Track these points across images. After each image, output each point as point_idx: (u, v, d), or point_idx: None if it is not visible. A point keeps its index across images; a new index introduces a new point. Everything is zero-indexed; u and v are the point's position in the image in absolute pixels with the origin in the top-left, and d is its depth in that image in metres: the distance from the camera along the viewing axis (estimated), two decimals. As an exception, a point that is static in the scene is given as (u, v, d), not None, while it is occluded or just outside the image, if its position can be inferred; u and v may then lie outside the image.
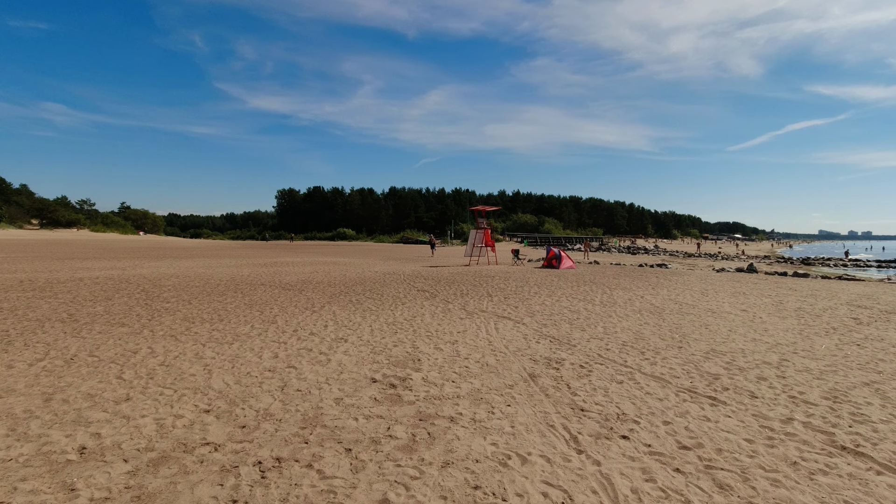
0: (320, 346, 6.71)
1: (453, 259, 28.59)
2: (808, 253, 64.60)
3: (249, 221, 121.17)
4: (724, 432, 3.97)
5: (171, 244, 51.94)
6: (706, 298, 12.14)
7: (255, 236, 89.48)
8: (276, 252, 36.13)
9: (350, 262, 25.04)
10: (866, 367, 5.94)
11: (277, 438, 3.74)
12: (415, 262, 25.07)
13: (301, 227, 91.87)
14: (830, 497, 3.01)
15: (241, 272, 17.85)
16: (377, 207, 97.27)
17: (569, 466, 3.36)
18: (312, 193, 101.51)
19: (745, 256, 45.56)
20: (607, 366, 5.89)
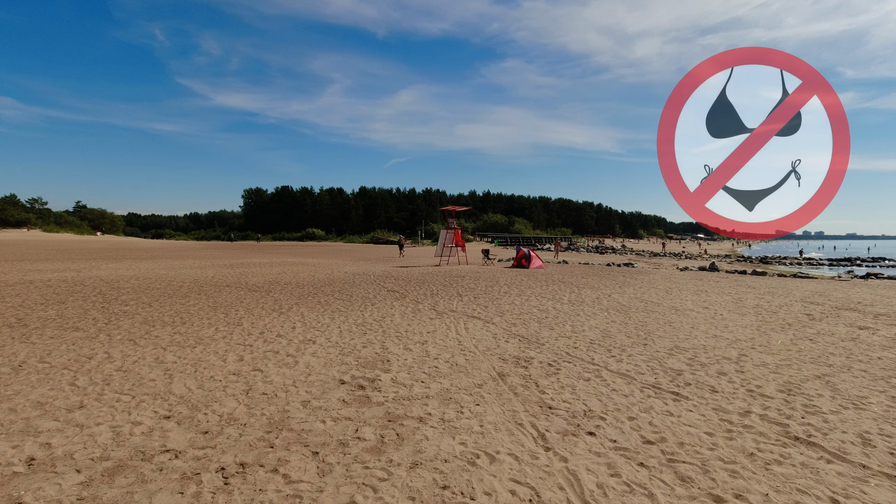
0: (287, 348, 6.59)
1: (424, 259, 28.55)
2: (766, 252, 67.30)
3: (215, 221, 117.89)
4: (686, 426, 4.09)
5: (131, 245, 50.07)
6: (670, 297, 12.49)
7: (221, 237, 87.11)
8: (242, 253, 35.30)
9: (319, 262, 24.68)
10: (818, 361, 6.22)
11: (242, 443, 3.65)
12: (385, 263, 24.92)
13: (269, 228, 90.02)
14: (784, 486, 3.14)
15: (205, 273, 17.35)
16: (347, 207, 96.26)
17: (536, 464, 3.40)
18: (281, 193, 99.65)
19: (707, 255, 47.15)
20: (575, 364, 5.99)
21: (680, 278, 18.19)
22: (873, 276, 21.31)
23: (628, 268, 24.11)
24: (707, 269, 24.04)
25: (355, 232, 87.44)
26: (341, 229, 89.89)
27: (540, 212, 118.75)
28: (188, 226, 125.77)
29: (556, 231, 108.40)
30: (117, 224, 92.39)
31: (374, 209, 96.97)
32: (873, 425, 4.13)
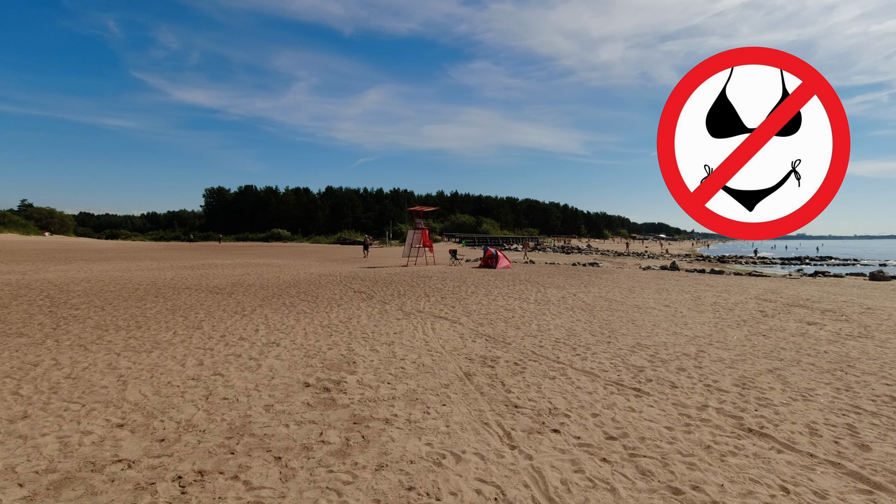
0: (250, 351, 6.42)
1: (391, 260, 28.39)
2: (724, 251, 69.96)
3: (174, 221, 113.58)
4: (647, 421, 4.20)
5: (83, 246, 47.77)
6: (633, 295, 12.82)
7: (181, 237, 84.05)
8: (203, 253, 34.22)
9: (284, 263, 24.19)
10: (770, 356, 6.50)
11: (200, 450, 3.53)
12: (352, 263, 24.65)
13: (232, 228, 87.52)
14: (738, 476, 3.26)
15: (163, 275, 16.74)
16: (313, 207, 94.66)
17: (502, 462, 3.42)
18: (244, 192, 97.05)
19: (668, 255, 48.69)
20: (541, 362, 6.06)
21: (642, 277, 18.70)
22: (820, 275, 22.48)
23: (593, 267, 24.62)
24: (668, 268, 24.80)
25: (322, 232, 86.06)
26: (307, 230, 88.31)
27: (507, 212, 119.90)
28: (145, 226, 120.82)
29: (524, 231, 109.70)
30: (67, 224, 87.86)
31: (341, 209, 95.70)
32: (819, 416, 4.34)
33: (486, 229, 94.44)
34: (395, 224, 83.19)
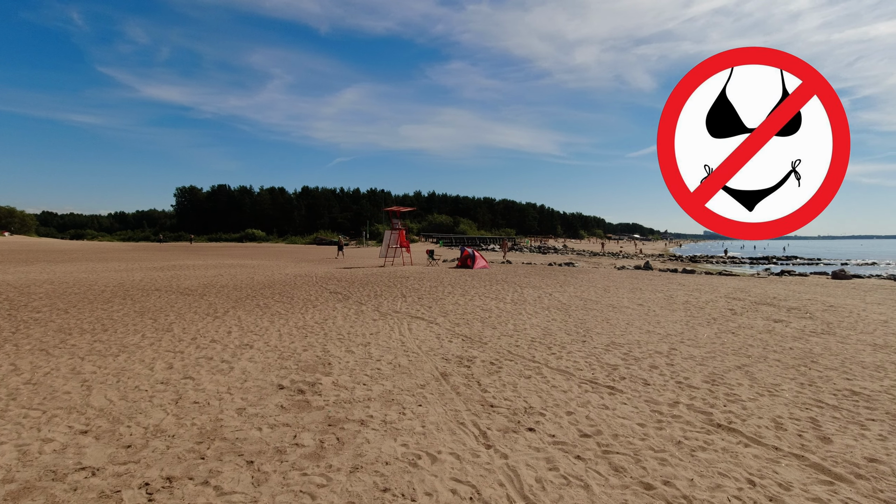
0: (222, 353, 6.28)
1: (368, 260, 28.21)
2: (695, 251, 71.71)
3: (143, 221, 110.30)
4: (621, 418, 4.27)
5: (46, 246, 46.09)
6: (608, 294, 13.02)
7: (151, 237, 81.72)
8: (173, 254, 33.39)
9: (259, 264, 23.78)
10: (739, 353, 6.68)
11: (169, 456, 3.43)
12: (328, 264, 24.39)
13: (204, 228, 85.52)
14: (707, 470, 3.34)
15: (131, 277, 16.26)
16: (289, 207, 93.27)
17: (477, 462, 3.42)
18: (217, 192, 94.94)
19: (642, 255, 49.63)
20: (516, 362, 6.10)
21: (617, 277, 19.01)
22: (787, 273, 23.24)
23: (569, 267, 24.93)
24: (642, 267, 25.28)
25: (298, 233, 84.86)
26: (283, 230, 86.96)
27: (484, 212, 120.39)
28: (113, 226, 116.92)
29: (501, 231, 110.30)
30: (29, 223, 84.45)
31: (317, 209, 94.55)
32: (785, 410, 4.48)
33: (464, 230, 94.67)
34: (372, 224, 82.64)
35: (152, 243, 66.03)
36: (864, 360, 6.26)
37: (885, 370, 5.82)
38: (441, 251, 42.04)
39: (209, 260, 26.80)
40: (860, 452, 3.63)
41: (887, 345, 7.16)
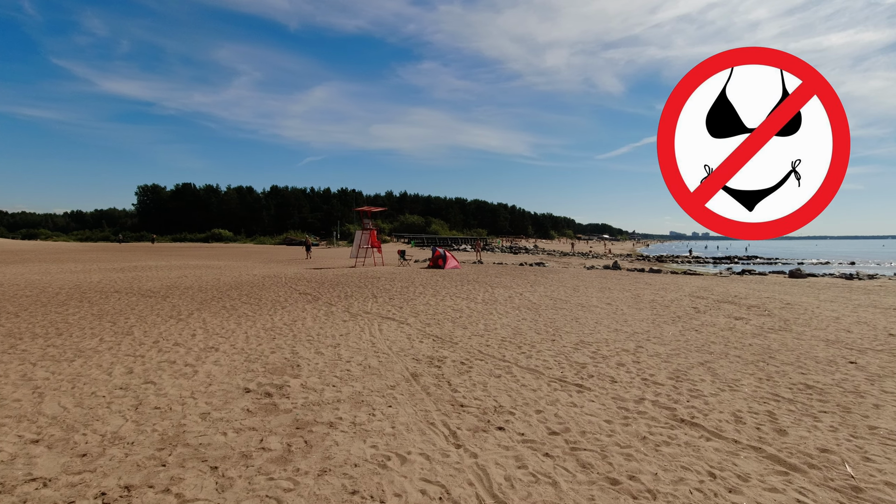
0: (186, 357, 6.10)
1: (339, 261, 27.89)
2: (662, 251, 73.53)
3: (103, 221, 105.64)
4: (588, 416, 4.34)
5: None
6: (577, 294, 13.24)
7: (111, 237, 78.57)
8: (134, 255, 32.25)
9: (225, 265, 23.21)
10: (702, 349, 6.88)
11: (128, 464, 3.31)
12: (298, 265, 24.01)
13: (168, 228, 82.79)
14: (671, 464, 3.42)
15: (88, 278, 15.62)
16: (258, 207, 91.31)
17: (447, 461, 3.42)
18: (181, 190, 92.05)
19: (611, 255, 50.65)
20: (487, 361, 6.13)
21: (586, 276, 19.35)
22: (748, 273, 24.12)
23: (540, 267, 25.23)
24: (611, 267, 25.81)
25: (267, 233, 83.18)
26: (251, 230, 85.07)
27: (456, 213, 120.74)
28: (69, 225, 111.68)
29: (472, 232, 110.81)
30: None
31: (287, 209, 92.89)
32: (744, 404, 4.65)
33: (436, 230, 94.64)
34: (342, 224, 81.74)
35: (112, 244, 63.54)
36: (817, 355, 6.54)
37: (836, 364, 6.10)
38: (412, 251, 41.94)
39: (173, 261, 25.99)
40: (813, 443, 3.79)
41: (839, 340, 7.51)
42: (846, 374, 5.67)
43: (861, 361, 6.24)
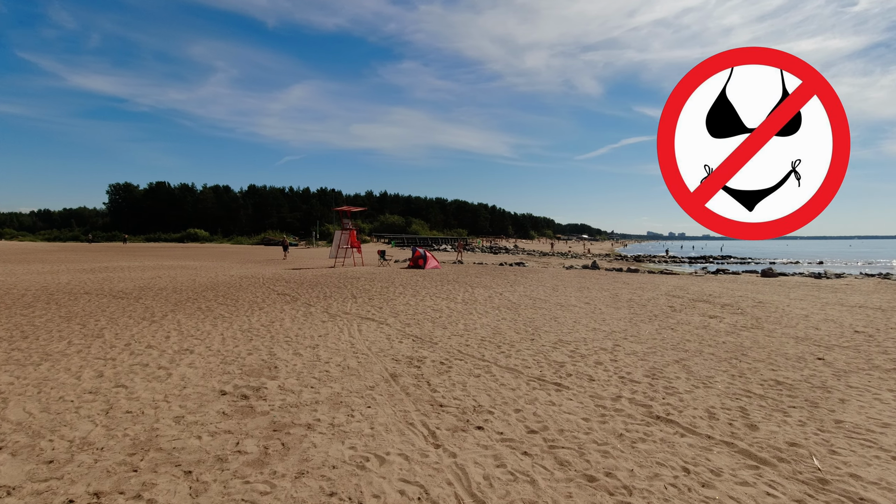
0: (159, 359, 5.96)
1: (318, 261, 27.61)
2: (639, 251, 74.72)
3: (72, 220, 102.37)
4: (566, 414, 4.38)
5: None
6: (556, 293, 13.36)
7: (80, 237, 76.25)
8: (105, 255, 31.37)
9: (201, 265, 22.75)
10: (677, 347, 7.02)
11: (98, 470, 3.21)
12: (276, 265, 23.68)
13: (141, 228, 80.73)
14: (646, 461, 3.48)
15: (57, 279, 15.14)
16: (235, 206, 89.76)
17: (426, 462, 3.42)
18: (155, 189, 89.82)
19: (590, 255, 51.27)
20: (466, 361, 6.14)
21: (565, 276, 19.54)
22: (722, 272, 24.69)
23: (519, 267, 25.40)
24: (589, 267, 26.13)
25: (244, 233, 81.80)
26: (228, 230, 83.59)
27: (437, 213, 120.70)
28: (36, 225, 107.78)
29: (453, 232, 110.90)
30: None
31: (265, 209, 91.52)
32: (717, 401, 4.75)
33: (416, 230, 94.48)
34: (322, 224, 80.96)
35: (81, 244, 61.71)
36: (787, 352, 6.73)
37: (805, 361, 6.29)
38: (393, 251, 41.78)
39: (146, 261, 25.37)
40: (782, 437, 3.90)
41: (807, 337, 7.74)
42: (814, 371, 5.84)
43: (828, 358, 6.45)
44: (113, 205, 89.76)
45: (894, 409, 4.58)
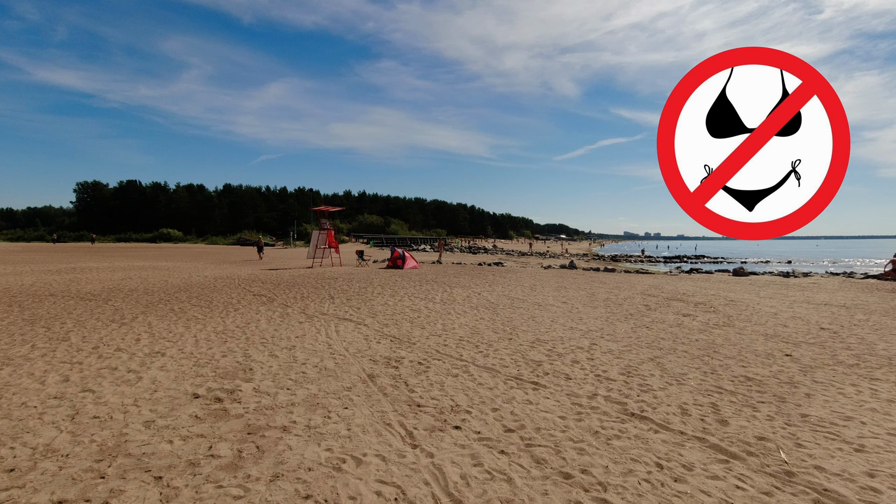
0: (129, 363, 5.79)
1: (295, 261, 27.26)
2: (616, 251, 75.89)
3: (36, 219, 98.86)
4: (543, 412, 4.42)
5: (-83, 248, 40.30)
6: (534, 293, 13.47)
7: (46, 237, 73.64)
8: (72, 256, 30.38)
9: (174, 266, 22.23)
10: (652, 346, 7.14)
11: (62, 477, 3.11)
12: (252, 266, 23.30)
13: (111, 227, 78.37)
14: (621, 457, 3.53)
15: (20, 281, 14.60)
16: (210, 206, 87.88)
17: (403, 462, 3.40)
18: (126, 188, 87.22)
19: (568, 254, 51.83)
20: (444, 361, 6.14)
21: (543, 276, 19.72)
22: (695, 271, 25.24)
23: (498, 267, 25.53)
24: (567, 266, 26.42)
25: (220, 233, 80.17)
26: (203, 230, 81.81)
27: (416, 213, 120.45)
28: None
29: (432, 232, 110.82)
30: None
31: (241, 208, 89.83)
32: (690, 397, 4.86)
33: (395, 230, 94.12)
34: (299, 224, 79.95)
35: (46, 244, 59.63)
36: (757, 349, 6.92)
37: (773, 357, 6.48)
38: (371, 252, 41.55)
39: (116, 262, 24.67)
40: (752, 432, 4.00)
41: (776, 334, 7.98)
42: (782, 367, 6.02)
43: (796, 354, 6.65)
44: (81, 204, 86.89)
45: (856, 402, 4.75)
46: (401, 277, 17.66)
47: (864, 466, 3.43)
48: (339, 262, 25.41)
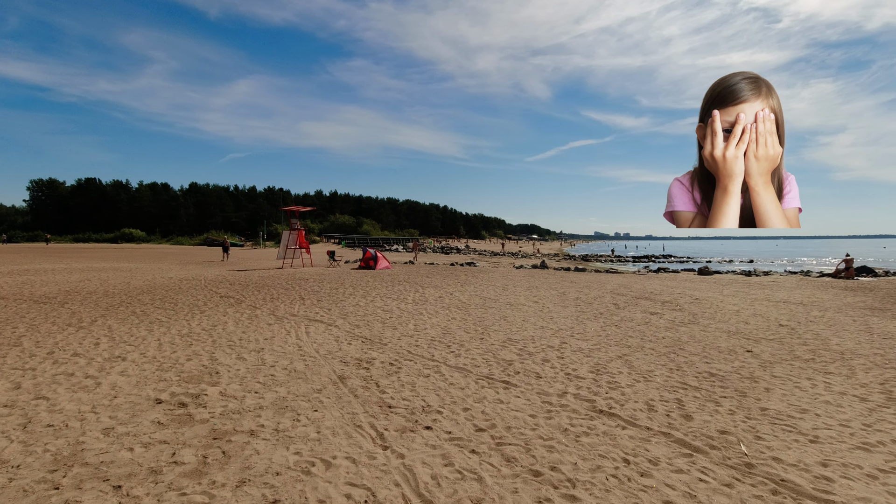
0: (87, 368, 5.56)
1: (265, 262, 26.73)
2: (587, 251, 77.07)
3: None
4: (514, 411, 4.45)
5: None
6: (506, 293, 13.56)
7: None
8: (25, 257, 28.99)
9: (137, 267, 21.49)
10: (620, 344, 7.29)
11: (12, 489, 2.96)
12: (220, 266, 22.73)
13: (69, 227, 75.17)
14: (589, 453, 3.59)
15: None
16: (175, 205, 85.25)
17: (373, 464, 3.37)
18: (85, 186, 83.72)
19: (539, 254, 52.40)
20: (416, 361, 6.12)
21: (515, 276, 19.89)
22: (663, 270, 25.91)
23: (470, 267, 25.62)
24: (539, 266, 26.72)
25: (186, 233, 77.89)
26: (168, 230, 79.31)
27: (388, 213, 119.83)
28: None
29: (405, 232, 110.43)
30: None
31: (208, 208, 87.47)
32: (656, 394, 4.97)
33: (367, 230, 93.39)
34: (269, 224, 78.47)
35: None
36: (720, 346, 7.15)
37: (735, 353, 6.70)
38: (343, 252, 41.08)
39: (74, 263, 23.67)
40: (714, 426, 4.13)
41: (738, 331, 8.25)
42: (744, 362, 6.23)
43: (756, 350, 6.90)
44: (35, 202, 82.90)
45: (811, 395, 4.96)
46: (373, 278, 17.53)
47: (818, 457, 3.58)
48: (309, 262, 25.04)
